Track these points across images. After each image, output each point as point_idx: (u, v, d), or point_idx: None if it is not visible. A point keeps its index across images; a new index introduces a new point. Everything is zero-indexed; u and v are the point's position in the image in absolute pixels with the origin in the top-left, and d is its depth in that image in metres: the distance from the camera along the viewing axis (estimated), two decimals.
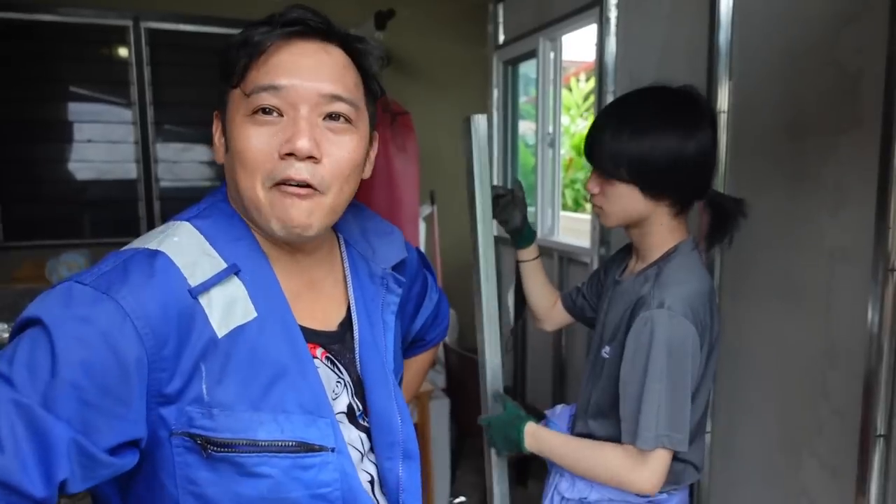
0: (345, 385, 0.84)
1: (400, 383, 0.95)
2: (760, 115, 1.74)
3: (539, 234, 3.19)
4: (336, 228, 0.90)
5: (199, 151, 3.41)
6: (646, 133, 1.19)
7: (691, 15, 1.98)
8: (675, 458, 1.27)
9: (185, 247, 0.73)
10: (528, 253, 1.56)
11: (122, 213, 3.29)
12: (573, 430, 1.42)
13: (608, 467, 1.22)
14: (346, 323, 0.87)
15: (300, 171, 0.73)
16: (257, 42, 0.74)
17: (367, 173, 0.84)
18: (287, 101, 0.73)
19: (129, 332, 0.65)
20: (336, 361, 0.84)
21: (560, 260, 2.98)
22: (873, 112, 1.39)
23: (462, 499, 2.66)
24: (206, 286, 0.71)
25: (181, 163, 3.38)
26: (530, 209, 3.38)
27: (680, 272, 1.22)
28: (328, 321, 0.85)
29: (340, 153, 0.76)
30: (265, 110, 0.73)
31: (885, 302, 1.35)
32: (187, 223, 0.77)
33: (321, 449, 0.75)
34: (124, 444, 0.66)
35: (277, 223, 0.75)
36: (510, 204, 1.46)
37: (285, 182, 0.73)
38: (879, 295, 1.36)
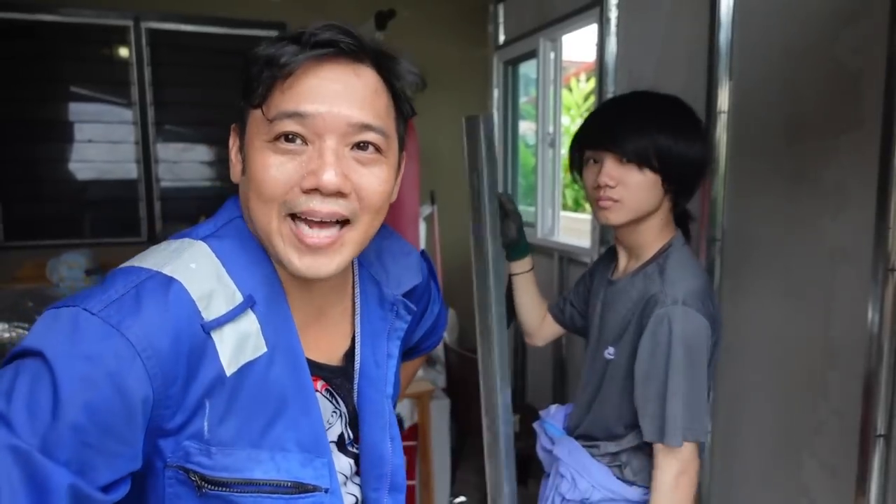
0: (340, 415, 0.83)
1: (394, 403, 0.93)
2: (760, 116, 1.74)
3: (539, 234, 3.18)
4: None
5: (200, 151, 3.41)
6: (681, 128, 1.24)
7: (691, 15, 1.98)
8: None
9: (200, 274, 0.69)
10: (522, 265, 1.53)
11: (122, 213, 3.29)
12: (570, 431, 1.42)
13: (663, 491, 1.19)
14: (350, 354, 0.84)
15: (326, 203, 0.68)
16: (284, 64, 0.68)
17: (395, 196, 0.79)
18: (313, 130, 0.68)
19: (138, 371, 0.62)
20: (335, 394, 0.82)
21: (560, 260, 2.98)
22: (873, 112, 1.39)
23: (462, 499, 2.66)
24: (221, 322, 0.68)
25: (182, 163, 3.38)
26: (530, 209, 3.38)
27: (681, 268, 1.24)
28: (332, 354, 0.82)
29: (371, 186, 0.71)
30: (288, 137, 0.68)
31: (885, 302, 1.35)
32: (203, 244, 0.72)
33: (315, 489, 0.73)
34: (119, 479, 0.64)
35: (292, 267, 0.71)
36: (504, 217, 1.45)
37: (307, 215, 0.69)
38: (879, 295, 1.36)
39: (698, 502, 1.97)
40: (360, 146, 0.71)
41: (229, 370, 0.68)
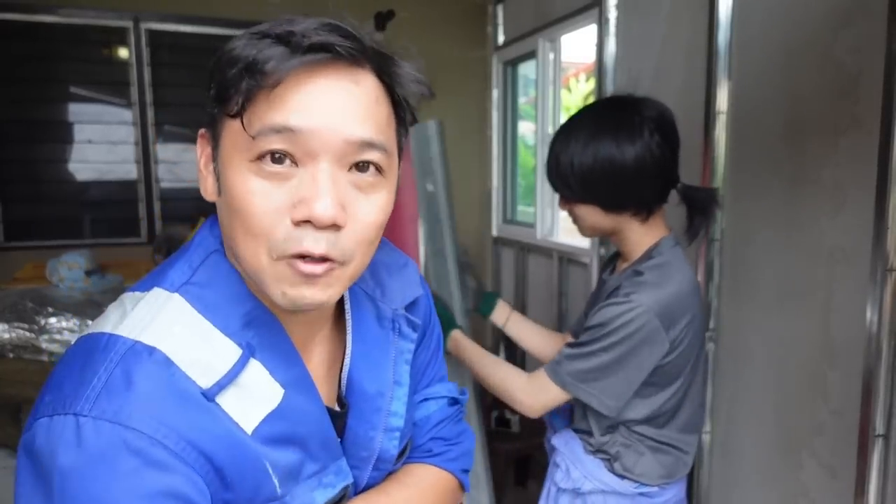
0: None
1: (404, 451, 0.82)
2: (759, 116, 1.74)
3: (539, 235, 3.19)
4: None
5: None
6: (585, 150, 1.24)
7: (690, 15, 1.98)
8: (667, 445, 1.29)
9: (186, 338, 0.60)
10: (502, 311, 1.53)
11: (122, 213, 3.29)
12: (570, 423, 1.43)
13: (507, 384, 1.36)
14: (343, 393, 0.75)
15: (318, 243, 0.58)
16: (270, 72, 0.56)
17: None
18: (304, 150, 0.57)
19: (164, 460, 0.55)
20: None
21: (560, 260, 2.98)
22: (872, 112, 1.40)
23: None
24: (223, 385, 0.59)
25: (181, 163, 3.38)
26: (529, 209, 3.38)
27: (656, 272, 1.25)
28: (328, 397, 0.74)
29: (368, 216, 0.61)
30: (275, 157, 0.58)
31: (884, 302, 1.36)
32: (180, 298, 0.62)
33: (346, 489, 0.72)
34: None
35: (285, 299, 0.61)
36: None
37: (299, 257, 0.59)
38: (878, 295, 1.37)
39: (698, 502, 1.97)
40: (360, 167, 0.61)
41: (249, 428, 0.60)
